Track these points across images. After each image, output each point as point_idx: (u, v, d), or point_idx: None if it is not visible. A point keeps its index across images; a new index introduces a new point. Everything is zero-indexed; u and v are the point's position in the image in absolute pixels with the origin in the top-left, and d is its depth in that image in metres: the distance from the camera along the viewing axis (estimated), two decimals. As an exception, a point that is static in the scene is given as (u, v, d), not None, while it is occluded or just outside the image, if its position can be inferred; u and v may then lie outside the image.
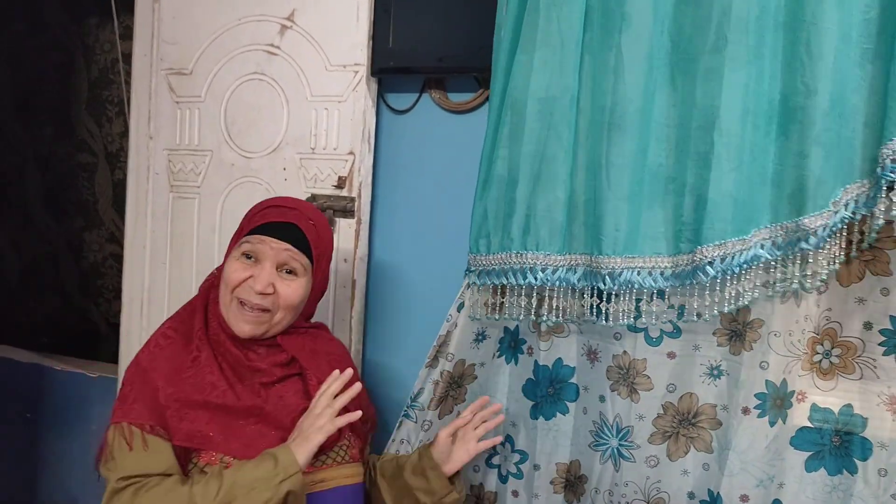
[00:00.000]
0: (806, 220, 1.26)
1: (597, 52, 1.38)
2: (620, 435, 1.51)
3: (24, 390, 2.36)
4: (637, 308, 1.41)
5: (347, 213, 1.70)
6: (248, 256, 1.27)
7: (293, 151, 1.75)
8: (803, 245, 1.27)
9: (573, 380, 1.58)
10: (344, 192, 1.71)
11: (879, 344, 1.35)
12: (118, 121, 2.73)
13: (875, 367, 1.36)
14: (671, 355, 1.47)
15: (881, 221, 1.23)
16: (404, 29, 1.67)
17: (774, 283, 1.33)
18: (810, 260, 1.29)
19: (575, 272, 1.43)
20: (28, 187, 2.94)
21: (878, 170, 1.22)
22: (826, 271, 1.29)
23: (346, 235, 1.71)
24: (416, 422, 1.60)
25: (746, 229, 1.30)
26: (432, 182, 1.73)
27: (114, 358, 2.16)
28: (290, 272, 1.28)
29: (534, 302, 1.46)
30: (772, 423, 1.38)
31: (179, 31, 1.89)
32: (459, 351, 1.58)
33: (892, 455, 1.34)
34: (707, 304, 1.35)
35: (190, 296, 1.84)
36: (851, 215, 1.27)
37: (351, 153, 1.70)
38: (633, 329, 1.48)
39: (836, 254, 1.29)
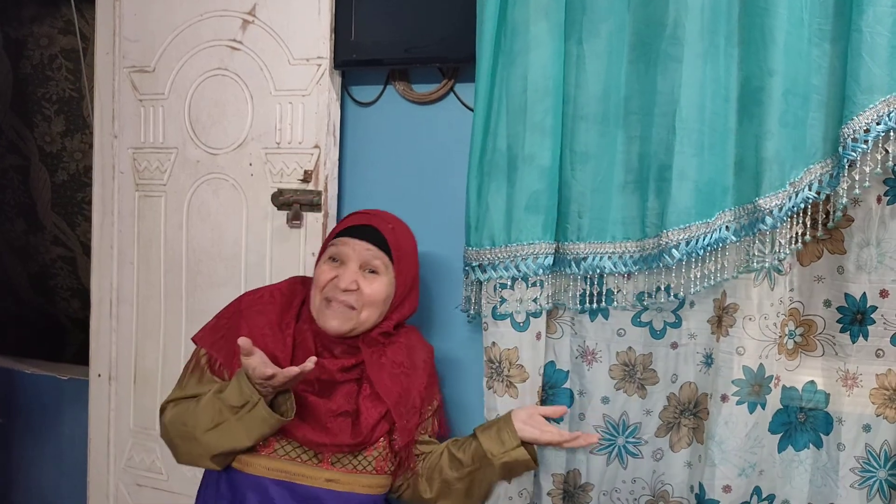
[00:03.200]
0: (761, 201, 1.28)
1: (564, 41, 1.39)
2: (628, 432, 1.50)
3: (-7, 394, 2.34)
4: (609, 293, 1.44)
5: (314, 206, 1.69)
6: (333, 259, 1.37)
7: (258, 146, 1.74)
8: (760, 226, 1.29)
9: (566, 385, 1.54)
10: (310, 186, 1.70)
11: (837, 321, 1.38)
12: (58, 119, 2.56)
13: (834, 343, 1.39)
14: (674, 346, 1.46)
15: (845, 200, 1.25)
16: (366, 21, 1.66)
17: (739, 264, 1.34)
18: (774, 240, 1.30)
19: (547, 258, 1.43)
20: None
21: (840, 149, 1.24)
22: (788, 251, 1.30)
23: (313, 230, 1.70)
24: None
25: (710, 212, 1.32)
26: (399, 174, 1.73)
27: (80, 354, 2.14)
28: (372, 271, 1.37)
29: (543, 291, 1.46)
30: (751, 410, 1.37)
31: (141, 28, 1.87)
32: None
33: (850, 430, 1.37)
34: (673, 286, 1.36)
35: (159, 295, 1.87)
36: (816, 195, 1.29)
37: (316, 147, 1.69)
38: (639, 324, 1.47)
39: (799, 233, 1.30)
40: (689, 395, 1.45)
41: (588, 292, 1.45)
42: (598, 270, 1.42)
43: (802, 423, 1.41)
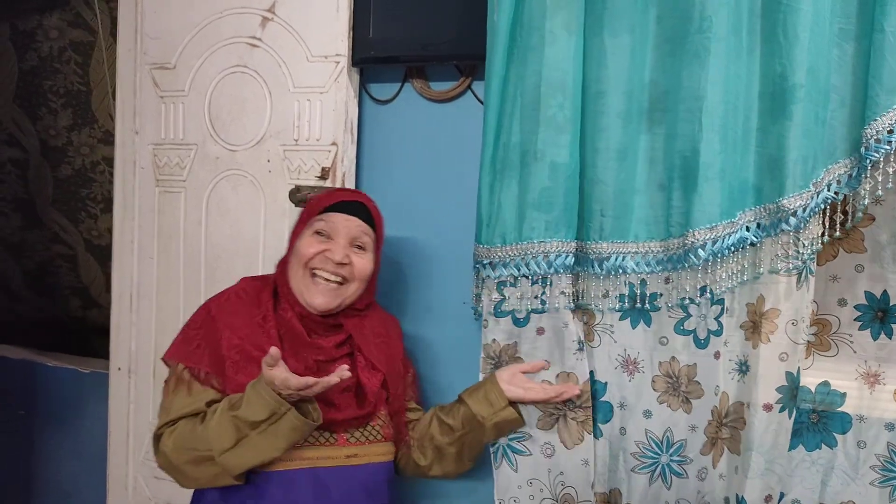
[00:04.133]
0: (785, 201, 1.26)
1: (585, 36, 1.38)
2: (672, 450, 1.43)
3: (16, 387, 2.37)
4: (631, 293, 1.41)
5: (331, 203, 1.70)
6: (319, 234, 1.36)
7: (277, 143, 1.75)
8: (783, 226, 1.27)
9: (605, 397, 1.48)
10: (328, 184, 1.70)
11: (855, 319, 1.36)
12: (65, 112, 2.53)
13: (851, 342, 1.37)
14: (717, 355, 1.39)
15: (867, 201, 1.24)
16: (385, 19, 1.66)
17: (762, 265, 1.33)
18: (798, 241, 1.28)
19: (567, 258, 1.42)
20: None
21: (862, 150, 1.22)
22: (809, 251, 1.28)
23: (330, 226, 1.71)
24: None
25: (734, 212, 1.30)
26: (416, 171, 1.73)
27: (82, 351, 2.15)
28: (360, 247, 1.38)
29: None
30: (790, 416, 1.35)
31: (162, 25, 1.89)
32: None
33: (871, 427, 1.34)
34: (698, 287, 1.34)
35: (178, 289, 1.88)
36: (834, 195, 1.27)
37: (334, 144, 1.70)
38: (681, 332, 1.41)
39: (818, 234, 1.29)
40: (724, 406, 1.39)
41: (615, 294, 1.42)
42: (621, 271, 1.39)
43: (815, 423, 1.38)
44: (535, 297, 1.44)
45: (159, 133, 1.91)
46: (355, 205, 1.40)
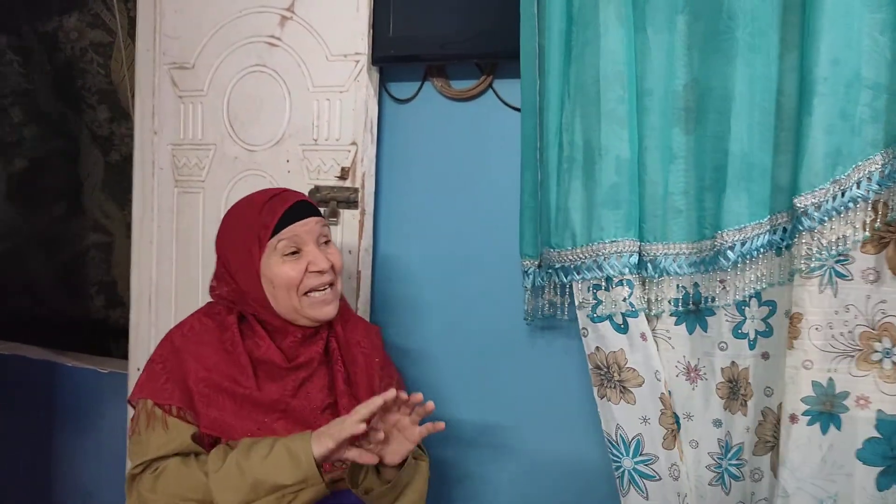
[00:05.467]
0: (796, 200, 1.21)
1: (634, 30, 1.35)
2: (731, 454, 1.38)
3: (36, 387, 2.38)
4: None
5: (351, 204, 1.68)
6: (291, 254, 1.26)
7: (296, 143, 1.74)
8: (798, 226, 1.23)
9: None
10: (347, 183, 1.69)
11: None
12: (101, 108, 2.56)
13: None
14: (765, 356, 1.34)
15: None
16: (404, 17, 1.65)
17: (787, 268, 1.29)
18: (816, 241, 1.22)
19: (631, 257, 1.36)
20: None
21: None
22: (833, 252, 1.23)
23: (350, 227, 1.70)
24: None
25: (763, 213, 1.27)
26: (436, 171, 1.72)
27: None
28: (326, 242, 1.31)
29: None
30: (824, 430, 1.25)
31: (181, 24, 1.88)
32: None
33: None
34: (728, 290, 1.31)
35: (197, 290, 1.88)
36: (864, 193, 1.22)
37: (353, 143, 1.68)
38: (739, 335, 1.35)
39: (842, 235, 1.22)
40: (779, 413, 1.32)
41: (669, 296, 1.38)
42: (665, 273, 1.36)
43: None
44: (624, 300, 1.37)
45: (178, 133, 1.90)
46: (298, 206, 1.28)
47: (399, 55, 1.66)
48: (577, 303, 1.41)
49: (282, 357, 1.27)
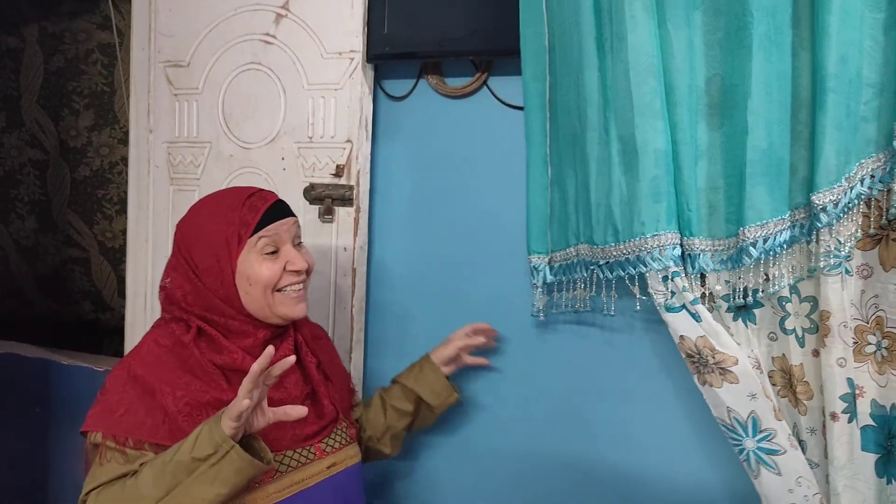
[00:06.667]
0: (814, 197, 1.22)
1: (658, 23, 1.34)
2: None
3: (32, 385, 2.37)
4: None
5: (346, 201, 1.68)
6: (269, 253, 1.26)
7: (291, 140, 1.74)
8: (816, 223, 1.24)
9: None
10: (342, 181, 1.69)
11: None
12: (87, 113, 2.56)
13: None
14: (815, 353, 1.31)
15: None
16: (399, 14, 1.65)
17: (806, 265, 1.29)
18: (834, 238, 1.23)
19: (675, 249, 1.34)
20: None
21: (895, 143, 1.19)
22: (846, 251, 1.24)
23: (345, 224, 1.70)
24: None
25: (783, 209, 1.27)
26: (431, 168, 1.72)
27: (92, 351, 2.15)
28: (299, 243, 1.34)
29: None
30: (858, 426, 1.26)
31: (176, 23, 1.88)
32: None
33: None
34: (752, 286, 1.31)
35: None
36: (867, 190, 1.23)
37: (349, 141, 1.68)
38: (786, 331, 1.33)
39: (854, 231, 1.24)
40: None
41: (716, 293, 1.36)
42: (701, 269, 1.35)
43: (889, 450, 1.27)
44: (684, 290, 1.34)
45: (173, 131, 1.90)
46: (276, 206, 1.29)
47: (394, 53, 1.66)
48: (653, 292, 1.37)
49: (249, 349, 1.25)
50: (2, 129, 2.71)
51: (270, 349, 1.08)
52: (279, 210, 1.29)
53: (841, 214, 1.22)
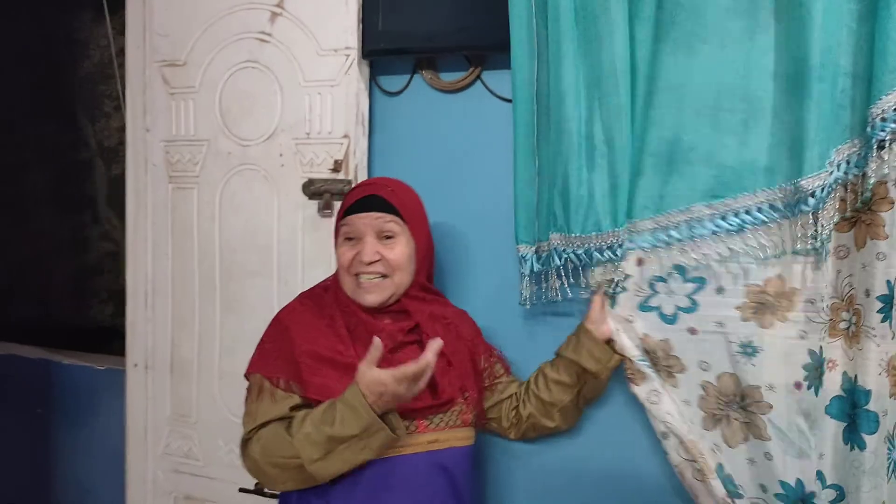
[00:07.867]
0: (804, 182, 1.27)
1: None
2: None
3: (33, 385, 2.39)
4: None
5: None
6: (349, 239, 1.41)
7: (289, 137, 1.77)
8: (803, 207, 1.29)
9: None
10: (340, 176, 1.72)
11: (878, 311, 1.28)
12: (117, 115, 2.65)
13: (874, 335, 1.28)
14: (693, 331, 1.44)
15: (873, 180, 1.25)
16: (393, 10, 1.67)
17: (784, 245, 1.35)
18: (817, 221, 1.29)
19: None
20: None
21: (868, 129, 1.23)
22: (826, 233, 1.30)
23: (344, 218, 1.72)
24: None
25: (722, 195, 1.37)
26: (427, 162, 1.74)
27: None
28: (389, 237, 1.40)
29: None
30: (816, 395, 1.35)
31: (171, 22, 1.90)
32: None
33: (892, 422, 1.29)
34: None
35: (193, 285, 1.90)
36: (844, 175, 1.29)
37: (346, 136, 1.71)
38: (647, 308, 1.50)
39: (832, 215, 1.30)
40: (732, 388, 1.41)
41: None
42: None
43: (852, 419, 1.33)
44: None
45: (171, 130, 1.92)
46: (368, 200, 1.41)
47: (389, 48, 1.69)
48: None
49: (370, 316, 1.40)
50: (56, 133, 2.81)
51: (377, 341, 1.24)
52: (364, 203, 1.40)
53: (825, 199, 1.28)
